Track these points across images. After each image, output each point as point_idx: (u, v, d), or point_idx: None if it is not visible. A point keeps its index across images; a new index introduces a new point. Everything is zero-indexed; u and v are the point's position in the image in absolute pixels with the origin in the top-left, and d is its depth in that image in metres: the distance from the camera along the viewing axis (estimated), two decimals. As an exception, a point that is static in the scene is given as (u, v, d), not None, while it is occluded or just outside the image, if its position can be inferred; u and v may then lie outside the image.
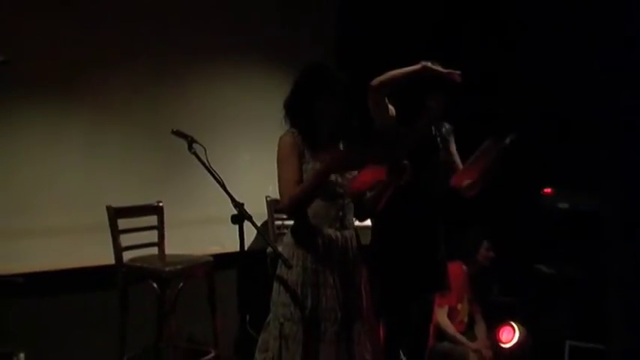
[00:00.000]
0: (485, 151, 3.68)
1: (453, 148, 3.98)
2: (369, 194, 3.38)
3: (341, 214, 3.34)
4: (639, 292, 3.94)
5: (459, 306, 5.34)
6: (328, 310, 3.25)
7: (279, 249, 3.41)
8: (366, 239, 3.73)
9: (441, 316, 5.21)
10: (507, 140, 3.69)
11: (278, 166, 3.28)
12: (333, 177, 3.28)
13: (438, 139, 3.95)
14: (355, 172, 3.39)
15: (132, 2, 5.16)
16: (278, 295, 3.31)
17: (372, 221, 3.97)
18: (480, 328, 5.40)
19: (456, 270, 5.06)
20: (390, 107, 3.78)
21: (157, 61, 5.29)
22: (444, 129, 3.99)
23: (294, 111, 3.35)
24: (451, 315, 5.30)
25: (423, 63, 3.62)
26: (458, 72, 3.66)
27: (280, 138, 3.32)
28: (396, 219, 3.66)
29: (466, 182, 3.90)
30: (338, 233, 3.31)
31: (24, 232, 4.67)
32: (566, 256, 5.10)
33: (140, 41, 5.19)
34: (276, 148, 3.32)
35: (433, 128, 3.98)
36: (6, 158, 4.67)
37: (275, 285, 3.33)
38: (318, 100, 3.28)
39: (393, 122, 3.78)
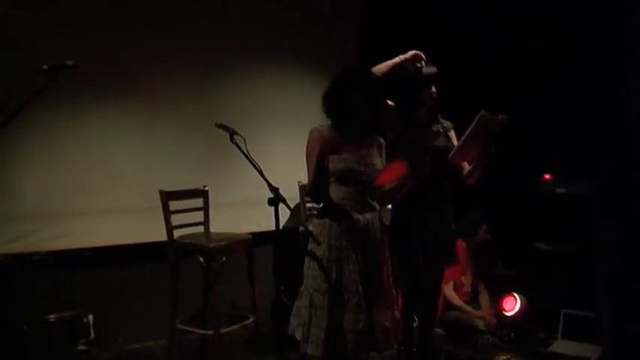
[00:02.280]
0: (479, 126, 3.59)
1: (454, 142, 3.98)
2: (388, 186, 3.43)
3: (363, 198, 3.39)
4: (621, 267, 3.96)
5: (463, 278, 5.39)
6: (350, 283, 3.31)
7: (310, 228, 3.48)
8: (387, 220, 3.77)
9: (447, 290, 5.26)
10: (500, 117, 3.61)
11: (306, 157, 3.36)
12: (356, 165, 3.35)
13: (440, 128, 3.97)
14: (378, 163, 3.46)
15: (182, 12, 5.22)
16: (308, 268, 3.38)
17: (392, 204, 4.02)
18: (484, 298, 5.45)
19: (458, 246, 5.11)
20: (390, 102, 3.82)
21: (203, 61, 5.35)
22: (446, 124, 4.02)
23: (330, 104, 3.37)
24: (456, 287, 5.36)
25: (401, 57, 3.67)
26: (416, 52, 3.75)
27: (310, 131, 3.37)
28: (411, 201, 3.70)
29: (465, 168, 3.89)
30: (360, 216, 3.37)
31: (90, 212, 4.80)
32: (562, 234, 5.11)
33: (189, 45, 5.25)
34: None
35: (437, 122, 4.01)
36: (75, 147, 4.79)
37: (306, 260, 3.40)
38: (352, 96, 3.30)
39: (394, 117, 3.82)
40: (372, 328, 3.35)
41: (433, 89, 3.85)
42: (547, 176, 5.29)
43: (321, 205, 3.47)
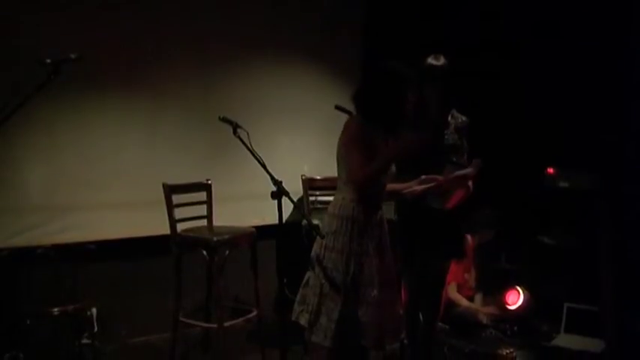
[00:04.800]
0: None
1: (464, 139, 3.97)
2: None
3: (379, 194, 3.42)
4: (625, 261, 3.97)
5: (467, 275, 5.39)
6: (369, 276, 3.31)
7: (314, 221, 3.48)
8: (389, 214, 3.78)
9: (452, 291, 5.26)
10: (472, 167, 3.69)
11: (347, 147, 3.29)
12: None
13: (452, 125, 3.95)
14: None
15: (187, 6, 5.22)
16: (322, 257, 3.35)
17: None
18: (477, 296, 5.46)
19: (466, 241, 5.10)
20: None
21: (207, 56, 5.34)
22: (459, 120, 3.99)
23: (368, 106, 3.36)
24: (460, 285, 5.36)
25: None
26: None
27: (347, 122, 3.36)
28: (416, 196, 3.70)
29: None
30: (375, 211, 3.40)
31: (96, 206, 4.80)
32: (565, 228, 5.11)
33: (193, 38, 5.24)
34: (312, 132, 3.38)
35: (449, 116, 3.99)
36: (79, 141, 4.79)
37: (320, 250, 3.36)
38: (392, 101, 3.31)
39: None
40: (389, 319, 3.38)
41: (437, 82, 3.82)
42: (550, 170, 5.30)
43: (338, 198, 3.44)
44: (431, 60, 3.83)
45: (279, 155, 5.15)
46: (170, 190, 4.48)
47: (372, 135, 3.32)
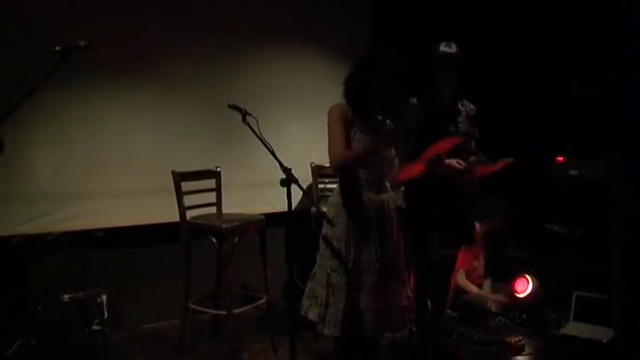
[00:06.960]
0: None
1: (475, 128, 3.95)
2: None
3: (379, 180, 3.42)
4: (635, 249, 3.94)
5: (475, 262, 5.38)
6: (368, 263, 3.33)
7: (323, 209, 3.47)
8: (399, 201, 3.78)
9: (461, 278, 5.25)
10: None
11: (328, 131, 3.33)
12: None
13: (463, 113, 3.94)
14: (393, 148, 3.47)
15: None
16: (325, 249, 3.39)
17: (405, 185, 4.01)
18: (486, 282, 5.45)
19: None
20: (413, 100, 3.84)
21: (215, 43, 5.32)
22: (469, 108, 3.98)
23: (351, 89, 3.38)
24: (469, 272, 5.35)
25: None
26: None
27: (331, 108, 3.38)
28: (425, 182, 3.69)
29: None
30: (376, 196, 3.39)
31: (104, 193, 4.82)
32: (575, 216, 5.10)
33: (201, 26, 5.23)
34: (320, 119, 3.38)
35: (458, 104, 3.98)
36: (88, 129, 4.79)
37: (322, 240, 3.40)
38: (374, 85, 3.31)
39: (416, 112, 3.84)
40: (389, 308, 3.38)
41: (451, 70, 3.80)
42: (560, 158, 5.28)
43: (337, 186, 3.46)
44: (443, 47, 3.81)
45: (288, 143, 5.12)
46: (179, 177, 4.48)
47: (354, 120, 3.34)
